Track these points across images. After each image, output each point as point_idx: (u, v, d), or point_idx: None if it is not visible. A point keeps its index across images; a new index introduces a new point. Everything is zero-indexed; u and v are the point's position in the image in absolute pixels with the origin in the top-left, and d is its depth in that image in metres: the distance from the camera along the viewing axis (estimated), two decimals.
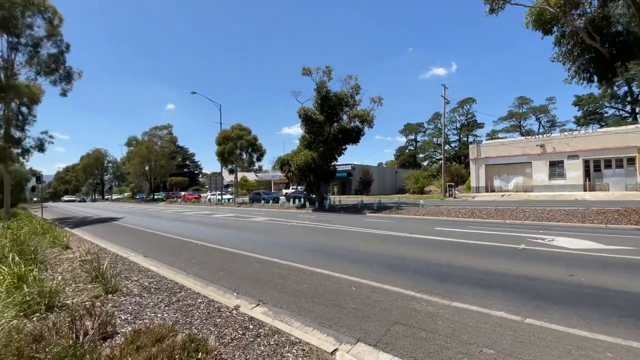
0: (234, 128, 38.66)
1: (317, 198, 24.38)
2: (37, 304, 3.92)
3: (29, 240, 7.48)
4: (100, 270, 5.35)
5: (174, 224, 15.90)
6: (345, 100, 21.95)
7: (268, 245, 9.11)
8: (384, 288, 4.89)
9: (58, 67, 22.12)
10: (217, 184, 37.64)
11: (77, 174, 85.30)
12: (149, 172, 57.83)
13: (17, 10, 18.27)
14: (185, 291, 4.87)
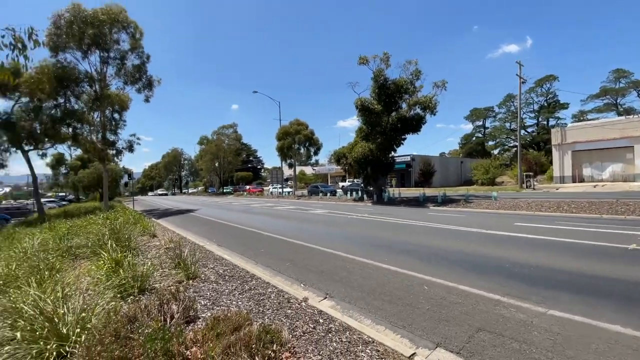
0: (292, 123, 39.75)
1: (375, 191, 23.82)
2: (131, 287, 4.40)
3: (123, 229, 8.58)
4: (181, 257, 5.87)
5: (241, 215, 16.96)
6: (405, 87, 20.84)
7: (330, 237, 9.10)
8: (461, 289, 4.45)
9: (141, 77, 25.05)
10: (277, 177, 39.29)
11: (159, 171, 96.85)
12: (218, 168, 62.95)
13: (105, 27, 21.04)
14: (256, 280, 5.05)
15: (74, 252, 7.36)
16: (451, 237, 8.33)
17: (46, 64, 20.45)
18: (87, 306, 3.57)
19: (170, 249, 7.37)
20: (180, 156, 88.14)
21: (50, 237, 9.01)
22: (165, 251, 7.43)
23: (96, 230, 9.38)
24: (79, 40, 21.13)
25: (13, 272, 5.14)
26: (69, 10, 20.62)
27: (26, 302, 3.18)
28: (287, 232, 10.27)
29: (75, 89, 22.93)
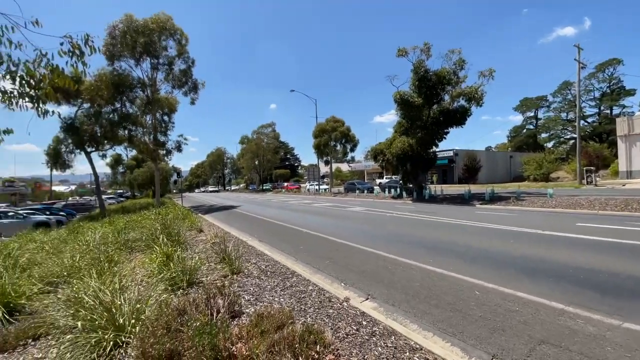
0: (328, 121, 39.74)
1: (414, 188, 22.98)
2: (180, 280, 4.62)
3: (172, 224, 9.12)
4: (226, 252, 6.07)
5: (280, 212, 17.31)
6: (447, 78, 19.73)
7: (369, 236, 8.90)
8: (517, 296, 4.06)
9: (187, 80, 26.55)
10: (314, 175, 39.60)
11: (205, 169, 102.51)
12: (258, 166, 65.08)
13: (154, 35, 22.50)
14: (297, 277, 5.06)
15: (130, 246, 7.96)
16: (502, 238, 7.72)
17: (104, 72, 22.38)
18: (141, 297, 3.81)
19: (216, 243, 7.68)
20: (224, 155, 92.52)
21: (109, 231, 9.85)
22: (211, 246, 7.76)
23: (149, 225, 10.09)
24: (132, 48, 22.89)
25: (77, 263, 5.66)
26: (123, 21, 22.38)
27: (87, 293, 3.46)
28: (325, 229, 10.24)
29: (130, 94, 24.92)
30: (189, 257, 6.38)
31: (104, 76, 22.42)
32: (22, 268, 5.96)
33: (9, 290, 4.22)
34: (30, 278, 5.07)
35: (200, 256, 6.63)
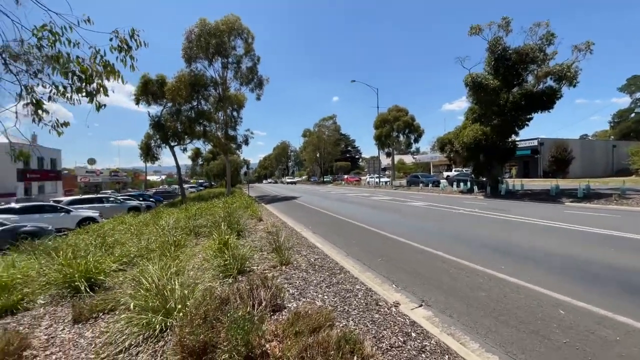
0: (391, 110, 38.08)
1: (488, 181, 20.66)
2: (232, 268, 4.74)
3: (234, 213, 9.62)
4: (278, 242, 6.11)
5: (338, 204, 17.21)
6: (531, 56, 17.05)
7: (429, 233, 8.17)
8: (618, 321, 3.20)
9: (253, 77, 27.95)
10: (374, 167, 38.57)
11: (271, 161, 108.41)
12: (319, 158, 66.24)
13: (224, 36, 24.02)
14: (345, 273, 4.81)
15: (196, 231, 8.62)
16: (598, 245, 6.33)
17: (182, 74, 24.77)
18: (192, 282, 3.99)
19: (271, 233, 7.88)
20: (288, 148, 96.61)
21: (182, 216, 10.88)
22: (267, 235, 7.97)
23: (216, 213, 10.87)
24: (205, 50, 24.88)
25: (150, 246, 6.27)
26: (197, 25, 24.39)
27: (146, 275, 3.71)
28: (381, 224, 9.76)
29: (204, 92, 27.25)
30: (244, 245, 6.62)
31: (182, 77, 24.84)
32: (108, 246, 6.86)
33: (92, 267, 4.83)
34: (111, 256, 5.76)
35: (255, 244, 6.84)
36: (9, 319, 3.90)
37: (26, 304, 4.24)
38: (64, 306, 4.20)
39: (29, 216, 13.33)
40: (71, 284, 4.58)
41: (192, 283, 3.91)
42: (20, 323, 3.76)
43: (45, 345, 3.20)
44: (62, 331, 3.53)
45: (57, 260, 5.09)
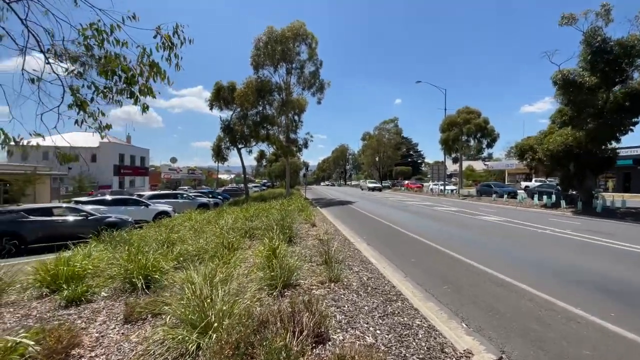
0: (460, 112, 35.14)
1: (579, 196, 17.48)
2: (278, 278, 4.43)
3: (287, 217, 9.49)
4: (329, 254, 5.68)
5: (396, 212, 16.19)
6: (638, 49, 13.93)
7: (508, 258, 6.93)
8: None
9: (315, 81, 28.31)
10: (439, 173, 35.93)
11: (329, 164, 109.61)
12: (378, 162, 64.61)
13: (289, 42, 24.69)
14: (402, 301, 4.16)
15: (251, 233, 8.67)
16: None
17: (250, 80, 26.14)
18: (235, 292, 3.76)
19: (323, 242, 7.51)
20: (346, 151, 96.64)
21: (241, 216, 11.17)
22: (319, 243, 7.62)
23: (271, 215, 10.93)
24: (271, 57, 25.94)
25: (205, 246, 6.36)
26: (265, 34, 25.54)
27: (191, 283, 3.58)
28: (447, 241, 8.68)
29: (269, 97, 28.44)
30: (293, 253, 6.33)
31: (250, 83, 26.25)
32: (171, 243, 7.20)
33: (150, 264, 4.98)
34: (170, 254, 5.96)
35: (304, 253, 6.52)
36: (73, 309, 4.13)
37: (90, 296, 4.49)
38: (121, 302, 4.34)
39: (116, 208, 15.12)
40: (130, 280, 4.76)
41: (235, 294, 3.68)
42: (80, 316, 3.95)
43: (93, 345, 3.23)
44: (112, 330, 3.58)
45: (121, 255, 5.40)
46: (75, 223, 10.16)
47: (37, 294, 4.81)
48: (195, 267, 4.76)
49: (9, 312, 4.20)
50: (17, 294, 4.87)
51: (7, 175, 26.87)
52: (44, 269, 5.00)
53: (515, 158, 29.69)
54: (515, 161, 40.49)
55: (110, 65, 2.31)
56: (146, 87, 2.51)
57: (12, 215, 9.48)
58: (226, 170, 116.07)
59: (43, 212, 10.09)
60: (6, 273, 4.89)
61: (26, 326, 3.69)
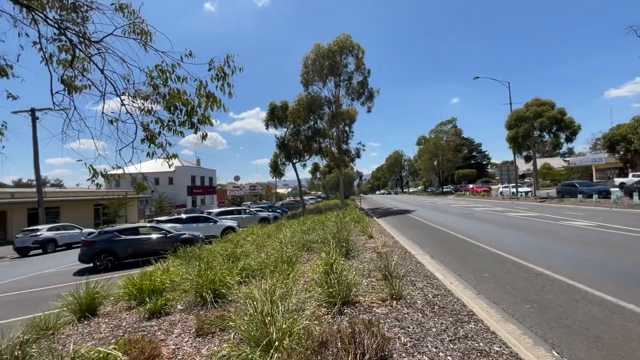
0: (529, 105, 31.60)
1: None
2: (336, 295, 4.33)
3: (344, 228, 9.37)
4: (389, 269, 5.43)
5: (461, 220, 14.99)
6: None
7: (607, 272, 5.84)
8: None
9: (364, 91, 28.21)
10: (509, 174, 32.53)
11: (383, 172, 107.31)
12: (437, 167, 61.23)
13: (337, 56, 25.08)
14: (476, 323, 3.73)
15: (309, 246, 8.75)
16: None
17: (301, 97, 27.11)
18: (295, 309, 3.77)
19: (382, 255, 7.23)
20: (401, 157, 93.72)
21: (298, 230, 11.40)
22: (377, 257, 7.36)
23: (327, 227, 10.94)
24: (320, 72, 26.63)
25: (266, 261, 6.58)
26: (313, 51, 26.38)
27: (253, 300, 3.68)
28: (525, 252, 7.71)
29: (319, 112, 29.09)
30: (351, 267, 6.20)
31: (301, 101, 27.23)
32: (236, 257, 7.61)
33: (217, 279, 5.30)
34: (235, 269, 6.28)
35: (363, 267, 6.33)
36: (154, 321, 4.56)
37: (168, 309, 4.92)
38: (193, 315, 4.66)
39: (190, 225, 16.65)
40: (201, 294, 5.11)
41: (294, 311, 3.69)
42: (160, 327, 4.33)
43: (170, 357, 3.49)
44: (186, 343, 3.84)
45: (193, 270, 5.86)
46: (157, 240, 11.42)
47: (126, 305, 5.44)
48: (257, 282, 4.92)
49: (105, 323, 4.81)
50: (111, 305, 5.58)
51: (105, 200, 31.70)
52: (131, 283, 5.66)
53: (604, 151, 25.48)
54: (605, 154, 34.84)
55: (172, 101, 2.58)
56: (204, 117, 2.72)
57: (108, 235, 11.04)
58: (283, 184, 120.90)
59: (131, 232, 11.55)
60: (103, 287, 5.62)
61: (118, 337, 4.17)
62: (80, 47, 2.53)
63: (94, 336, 4.32)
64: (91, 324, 4.80)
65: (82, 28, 2.69)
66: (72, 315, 5.02)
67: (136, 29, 2.84)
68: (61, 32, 2.49)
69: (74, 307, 5.11)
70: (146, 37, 2.86)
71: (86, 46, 2.57)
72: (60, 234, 18.52)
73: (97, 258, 10.41)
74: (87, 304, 5.15)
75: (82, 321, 4.93)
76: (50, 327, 4.52)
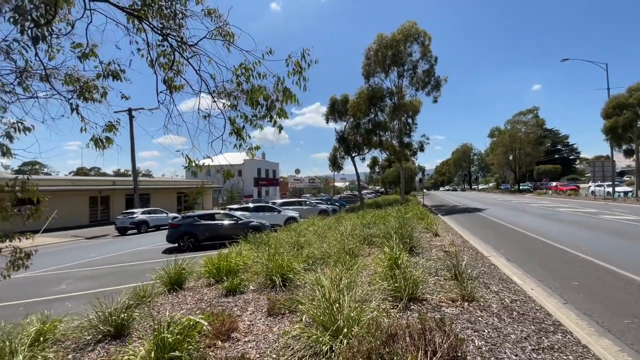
0: (633, 90, 26.49)
1: None
2: (402, 290, 4.26)
3: (406, 225, 9.09)
4: (459, 269, 5.14)
5: (543, 222, 13.36)
6: None
7: None
8: None
9: (430, 80, 26.65)
10: (604, 171, 27.84)
11: (449, 167, 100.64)
12: (512, 162, 55.25)
13: (400, 45, 24.08)
14: (563, 334, 3.34)
15: (370, 240, 8.71)
16: None
17: (362, 90, 26.76)
18: (361, 299, 3.82)
19: (450, 254, 6.86)
20: (470, 151, 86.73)
21: (358, 223, 11.40)
22: (445, 255, 7.01)
23: (388, 222, 10.73)
24: (382, 63, 25.89)
25: (328, 251, 6.75)
26: (375, 42, 25.75)
27: (320, 286, 3.83)
28: (626, 260, 6.58)
29: (380, 104, 28.38)
30: (417, 264, 6.01)
31: (362, 93, 26.87)
32: (299, 246, 7.95)
33: (285, 264, 5.62)
34: (299, 257, 6.58)
35: (429, 265, 6.09)
36: (230, 298, 5.04)
37: (242, 288, 5.39)
38: (264, 295, 5.03)
39: (257, 214, 17.84)
40: (270, 277, 5.49)
41: (360, 302, 3.74)
42: (236, 304, 4.77)
43: (246, 332, 3.84)
44: (259, 320, 4.17)
45: (263, 254, 6.30)
46: (230, 226, 12.52)
47: (207, 282, 6.10)
48: (322, 270, 5.08)
49: (190, 295, 5.47)
50: (194, 281, 6.31)
51: (186, 189, 35.82)
52: (211, 262, 6.33)
53: None
54: None
55: (255, 96, 2.79)
56: (282, 111, 2.89)
57: (189, 219, 12.44)
58: (341, 178, 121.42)
59: (208, 217, 12.85)
60: (188, 264, 6.38)
61: (201, 309, 4.72)
62: (179, 51, 2.89)
63: (182, 307, 4.95)
64: (179, 296, 5.50)
65: (178, 33, 3.06)
66: (164, 287, 5.81)
67: (222, 31, 3.12)
68: (164, 38, 2.87)
69: (164, 280, 5.90)
70: (230, 38, 3.13)
71: (183, 50, 2.93)
72: (151, 217, 21.44)
73: (181, 239, 11.83)
74: (176, 279, 5.90)
75: (172, 293, 5.67)
76: (147, 295, 5.29)
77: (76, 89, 3.19)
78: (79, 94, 3.19)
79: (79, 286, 7.78)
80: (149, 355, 3.01)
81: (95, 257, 11.92)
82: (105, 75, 3.04)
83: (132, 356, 3.05)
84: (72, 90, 3.20)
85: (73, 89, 3.19)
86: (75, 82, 3.05)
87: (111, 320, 3.96)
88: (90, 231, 21.71)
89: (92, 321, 4.08)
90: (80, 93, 3.16)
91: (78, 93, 3.18)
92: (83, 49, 2.82)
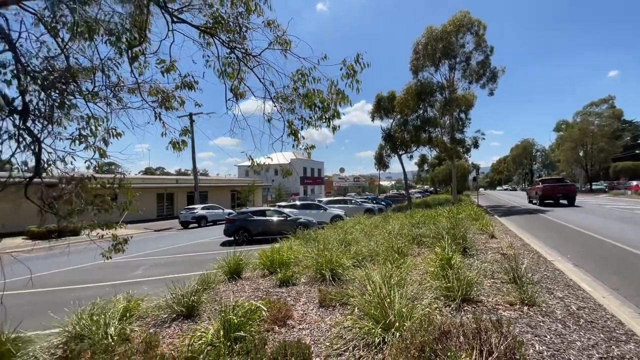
0: None
1: None
2: (455, 291, 4.19)
3: (460, 224, 8.73)
4: (517, 272, 4.88)
5: (619, 225, 11.83)
6: None
7: None
8: None
9: (485, 71, 24.94)
10: None
11: (507, 164, 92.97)
12: (583, 158, 49.31)
13: (452, 36, 22.87)
14: (636, 344, 3.05)
15: (419, 240, 8.54)
16: None
17: (410, 85, 25.97)
18: (412, 297, 3.85)
19: (508, 256, 6.47)
20: (531, 147, 79.11)
21: (406, 223, 11.20)
22: (501, 258, 6.65)
23: (439, 223, 10.38)
24: (432, 57, 24.84)
25: (376, 249, 6.80)
26: (424, 35, 24.79)
27: (371, 281, 3.95)
28: None
29: (430, 99, 27.25)
30: (471, 265, 5.82)
31: (410, 89, 26.08)
32: (347, 243, 8.10)
33: (334, 260, 5.82)
34: (347, 253, 6.73)
35: (484, 267, 5.84)
36: (284, 289, 5.38)
37: (294, 280, 5.71)
38: (314, 288, 5.28)
39: (304, 211, 18.39)
40: (320, 271, 5.73)
41: (411, 299, 3.78)
42: (289, 295, 5.09)
43: (300, 320, 4.10)
44: (311, 310, 4.42)
45: (312, 250, 6.58)
46: (279, 222, 13.15)
47: (262, 273, 6.55)
48: (371, 267, 5.17)
49: (247, 285, 5.93)
50: (250, 272, 6.81)
51: (238, 186, 38.19)
52: (265, 255, 6.77)
53: None
54: None
55: (311, 100, 3.01)
56: (336, 112, 3.07)
57: (244, 215, 13.32)
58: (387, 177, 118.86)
59: (260, 214, 13.62)
60: (245, 256, 6.91)
61: (258, 297, 5.11)
62: (243, 61, 3.22)
63: (241, 294, 5.40)
64: (237, 285, 5.99)
65: (242, 45, 3.40)
66: (224, 276, 6.37)
67: (279, 40, 3.39)
68: (231, 50, 3.22)
69: (225, 269, 6.46)
70: (287, 46, 3.39)
71: (247, 60, 3.26)
72: (209, 212, 23.25)
73: (237, 233, 12.73)
74: (234, 269, 6.44)
75: (231, 281, 6.20)
76: (211, 282, 5.86)
77: (158, 99, 3.71)
78: (160, 103, 3.70)
79: (153, 272, 8.83)
80: (217, 333, 3.41)
81: (164, 247, 13.33)
82: (182, 87, 3.50)
83: (204, 333, 3.48)
84: (155, 100, 3.72)
85: (156, 99, 3.71)
86: (158, 93, 3.55)
87: (183, 302, 4.50)
88: (157, 224, 24.25)
89: (168, 301, 4.67)
90: (162, 102, 3.67)
91: (160, 102, 3.69)
92: (166, 64, 3.28)
